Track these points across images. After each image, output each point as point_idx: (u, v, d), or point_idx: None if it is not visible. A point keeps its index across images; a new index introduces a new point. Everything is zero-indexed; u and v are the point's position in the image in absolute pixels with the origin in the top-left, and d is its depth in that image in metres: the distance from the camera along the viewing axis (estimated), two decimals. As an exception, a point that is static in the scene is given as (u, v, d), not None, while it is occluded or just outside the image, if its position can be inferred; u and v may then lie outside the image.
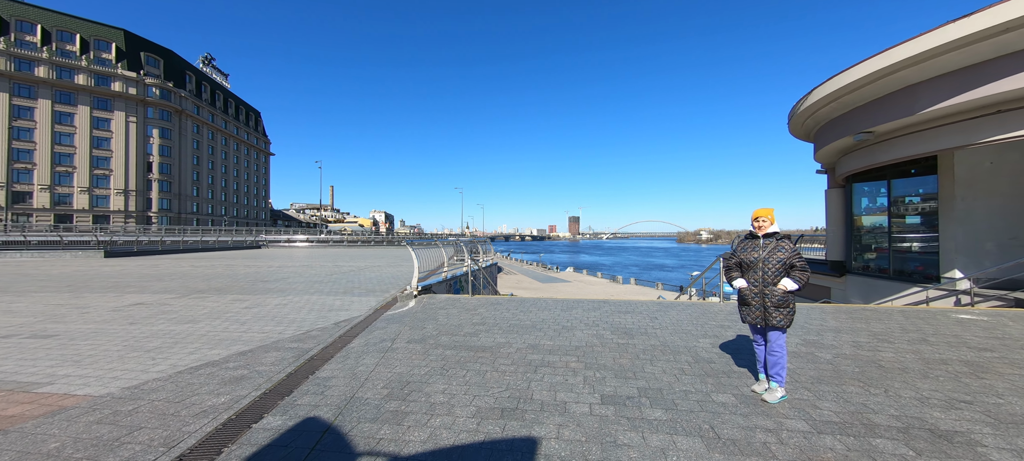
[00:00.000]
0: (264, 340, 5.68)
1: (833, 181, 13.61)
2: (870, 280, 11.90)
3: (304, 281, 12.50)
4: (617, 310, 7.60)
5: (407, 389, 3.88)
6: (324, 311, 7.77)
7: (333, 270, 16.35)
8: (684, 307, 7.84)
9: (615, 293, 50.35)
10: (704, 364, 4.57)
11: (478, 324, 6.47)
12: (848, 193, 12.85)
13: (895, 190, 11.04)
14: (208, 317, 7.22)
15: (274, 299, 9.13)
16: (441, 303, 8.34)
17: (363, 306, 8.26)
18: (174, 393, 3.82)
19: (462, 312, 7.43)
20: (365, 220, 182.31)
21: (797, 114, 11.76)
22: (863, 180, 12.22)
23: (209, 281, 12.54)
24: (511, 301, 8.56)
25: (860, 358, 4.80)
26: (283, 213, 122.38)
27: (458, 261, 17.74)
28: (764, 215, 3.72)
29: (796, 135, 13.65)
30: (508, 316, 7.07)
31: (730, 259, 3.93)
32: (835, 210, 13.53)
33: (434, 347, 5.25)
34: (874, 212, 12.07)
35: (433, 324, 6.50)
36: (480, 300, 8.67)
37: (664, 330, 6.09)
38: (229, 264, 19.20)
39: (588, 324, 6.47)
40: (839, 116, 10.26)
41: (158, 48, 70.21)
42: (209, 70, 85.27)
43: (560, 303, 8.30)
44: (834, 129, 10.75)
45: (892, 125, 8.82)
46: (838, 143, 10.78)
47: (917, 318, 6.92)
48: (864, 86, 8.79)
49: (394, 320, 6.85)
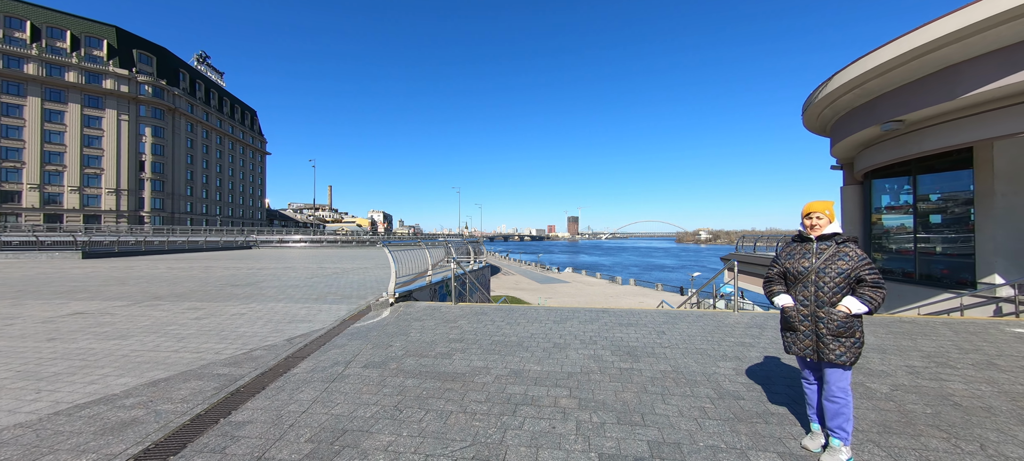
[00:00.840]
0: (192, 363, 4.70)
1: (850, 177, 12.65)
2: (893, 285, 10.92)
3: (278, 285, 11.52)
4: (618, 322, 6.62)
5: (339, 443, 2.90)
6: (283, 323, 6.79)
7: (316, 272, 15.37)
8: (694, 319, 6.87)
9: (615, 295, 49.32)
10: (730, 401, 3.59)
11: (455, 341, 5.49)
12: (867, 190, 11.89)
13: (921, 186, 10.08)
14: (145, 331, 6.24)
15: (234, 307, 8.15)
16: (419, 313, 7.36)
17: (330, 316, 7.28)
18: (23, 450, 2.84)
19: (440, 324, 6.45)
20: (363, 220, 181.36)
21: (813, 104, 10.79)
22: (884, 176, 11.26)
23: (175, 285, 11.56)
24: (498, 310, 7.58)
25: (925, 391, 3.83)
26: (280, 213, 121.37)
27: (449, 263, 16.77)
28: (819, 210, 2.74)
29: (811, 128, 12.69)
30: (492, 330, 6.09)
31: (772, 268, 2.96)
32: (852, 209, 12.57)
33: (394, 374, 4.27)
34: (897, 211, 11.10)
35: (402, 341, 5.52)
36: (464, 309, 7.69)
37: (674, 349, 5.11)
38: (209, 266, 18.22)
39: (584, 341, 5.49)
40: (863, 104, 9.29)
41: (151, 45, 69.14)
42: (203, 68, 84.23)
43: (553, 313, 7.32)
44: (856, 119, 9.78)
45: (927, 112, 7.85)
46: (860, 135, 9.82)
47: (969, 333, 5.94)
48: (895, 68, 7.82)
49: (358, 335, 5.87)
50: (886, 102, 8.56)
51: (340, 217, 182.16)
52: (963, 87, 7.04)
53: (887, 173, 11.09)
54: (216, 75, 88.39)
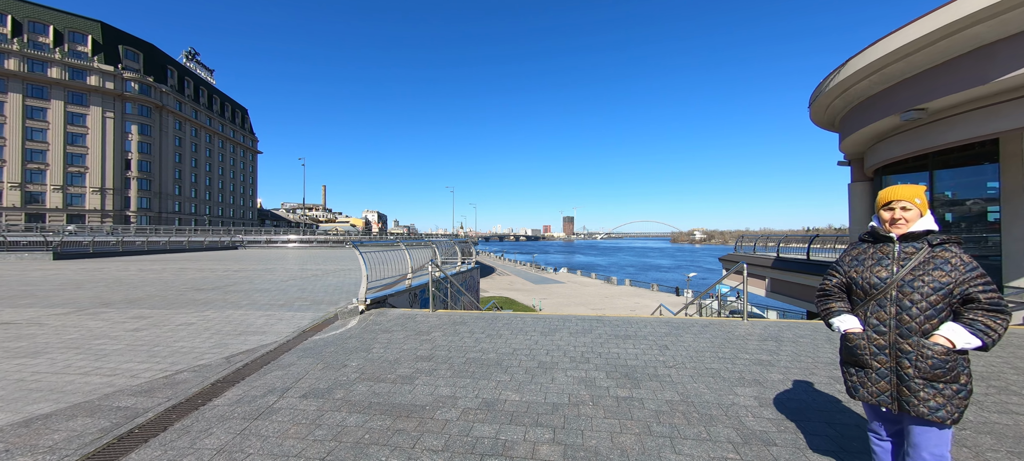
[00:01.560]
0: (95, 391, 3.84)
1: (858, 173, 11.94)
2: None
3: (247, 289, 10.64)
4: (614, 333, 5.81)
5: (224, 526, 2.07)
6: (231, 335, 5.93)
7: (295, 274, 14.49)
8: (700, 329, 6.08)
9: (610, 296, 48.57)
10: (759, 448, 2.79)
11: (423, 359, 4.66)
12: (877, 187, 11.17)
13: (939, 182, 9.37)
14: (66, 347, 5.36)
15: (185, 316, 7.27)
16: (389, 322, 6.52)
17: (289, 327, 6.43)
18: None
19: (410, 337, 5.62)
20: (357, 220, 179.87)
21: (823, 94, 10.06)
22: (896, 172, 10.55)
23: (135, 289, 10.64)
24: (480, 319, 6.76)
25: (999, 430, 3.05)
26: (272, 213, 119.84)
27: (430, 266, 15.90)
28: (907, 198, 1.93)
29: (818, 122, 11.96)
30: (469, 344, 5.26)
31: (830, 277, 2.16)
32: (860, 207, 11.86)
33: (337, 407, 3.44)
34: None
35: (360, 359, 4.68)
36: (442, 318, 6.86)
37: (681, 369, 4.31)
38: (183, 267, 17.25)
39: (574, 358, 4.68)
40: (880, 92, 8.55)
41: (137, 41, 67.65)
42: (193, 65, 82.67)
43: (541, 323, 6.50)
44: (870, 109, 9.04)
45: (954, 99, 7.12)
46: (875, 127, 9.08)
47: (1014, 346, 5.19)
48: (920, 50, 7.08)
49: (311, 351, 5.02)
50: (907, 89, 7.82)
51: (334, 217, 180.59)
52: (998, 69, 6.31)
53: (900, 168, 10.38)
54: (206, 72, 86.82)
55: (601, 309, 44.45)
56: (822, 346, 5.17)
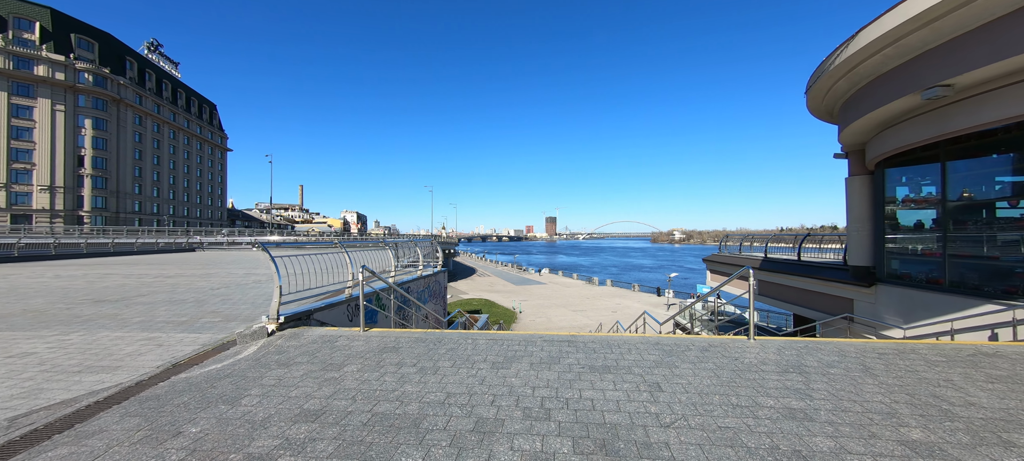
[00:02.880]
0: None
1: (857, 166, 10.92)
2: (913, 293, 9.20)
3: (158, 300, 8.88)
4: (588, 363, 4.42)
5: None
6: (66, 373, 4.31)
7: (232, 281, 12.68)
8: (698, 354, 4.75)
9: (592, 297, 47.52)
10: None
11: (304, 418, 3.15)
12: (879, 181, 10.15)
13: (953, 175, 8.34)
14: None
15: (35, 341, 5.56)
16: (298, 350, 4.97)
17: (163, 356, 4.82)
18: None
19: (311, 375, 4.10)
20: (335, 221, 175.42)
21: (824, 76, 8.95)
22: (902, 163, 9.53)
23: (19, 301, 8.81)
24: (418, 344, 5.27)
25: None
26: (243, 213, 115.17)
27: (403, 268, 14.32)
28: None
29: (815, 109, 10.90)
30: (388, 387, 3.78)
31: None
32: (859, 202, 10.84)
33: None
34: (918, 204, 9.38)
35: (210, 419, 3.15)
36: (371, 341, 5.35)
37: (684, 431, 2.93)
38: (109, 273, 15.19)
39: (530, 412, 3.26)
40: (893, 70, 7.43)
41: (92, 30, 63.40)
42: (155, 57, 78.37)
43: (496, 346, 5.06)
44: (880, 90, 7.94)
45: (991, 71, 6.00)
46: (884, 110, 7.98)
47: (1104, 377, 4.02)
48: (949, 13, 5.94)
49: (150, 404, 3.46)
50: (930, 62, 6.70)
51: (310, 218, 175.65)
52: (1053, 30, 5.20)
53: (905, 160, 9.35)
54: (170, 65, 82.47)
55: (582, 309, 43.39)
56: (863, 382, 3.89)
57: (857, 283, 10.77)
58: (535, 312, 42.82)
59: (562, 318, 39.66)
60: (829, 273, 12.14)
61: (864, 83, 8.26)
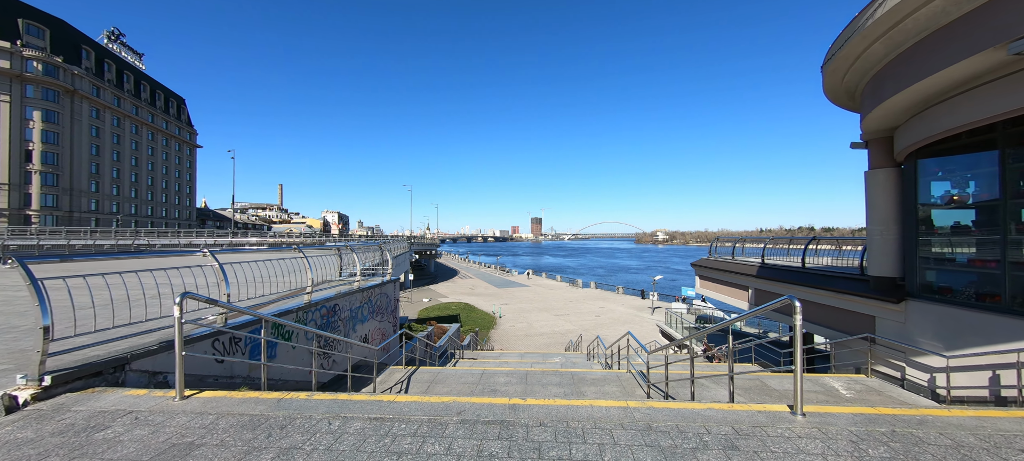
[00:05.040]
0: None
1: (881, 157, 9.16)
2: (957, 312, 7.43)
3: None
4: None
5: None
6: None
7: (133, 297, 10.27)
8: (720, 455, 2.73)
9: (576, 300, 45.55)
10: None
11: None
12: (911, 174, 8.38)
13: (1014, 164, 6.57)
14: None
15: None
16: (24, 455, 2.79)
17: None
18: None
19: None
20: (315, 221, 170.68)
21: (853, 40, 7.10)
22: (943, 153, 7.76)
23: None
24: (247, 430, 3.15)
25: None
26: (216, 213, 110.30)
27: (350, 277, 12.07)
28: None
29: (832, 89, 9.11)
30: None
31: None
32: (883, 200, 9.08)
33: None
34: (962, 203, 7.62)
35: None
36: (162, 430, 3.19)
37: None
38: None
39: None
40: (967, 15, 5.49)
41: (42, 15, 58.96)
42: (116, 47, 73.83)
43: (375, 440, 2.95)
44: (933, 53, 6.09)
45: None
46: (940, 78, 6.13)
47: None
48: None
49: None
50: (1013, 4, 4.83)
51: (289, 218, 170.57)
52: None
53: (949, 149, 7.59)
54: (133, 56, 77.89)
55: (565, 313, 41.47)
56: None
57: (881, 298, 8.99)
58: (516, 317, 40.79)
59: (543, 323, 37.71)
60: (843, 284, 10.37)
61: (911, 43, 6.39)
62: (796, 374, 3.40)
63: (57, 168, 58.27)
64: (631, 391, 8.24)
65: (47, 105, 56.95)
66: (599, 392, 8.16)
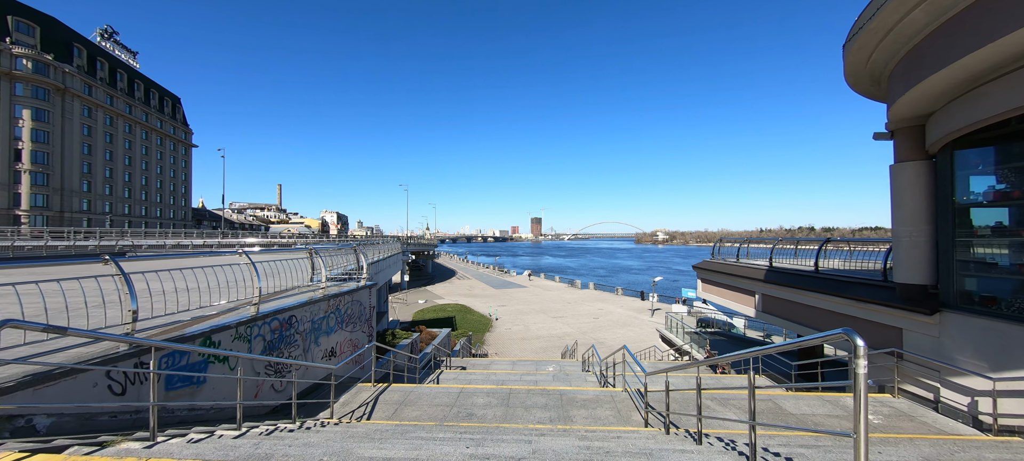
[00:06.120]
0: None
1: (910, 149, 8.12)
2: (1006, 327, 6.40)
3: None
4: None
5: None
6: None
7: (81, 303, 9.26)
8: None
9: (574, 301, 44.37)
10: None
11: None
12: (946, 167, 7.35)
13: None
14: None
15: None
16: None
17: None
18: None
19: None
20: (313, 221, 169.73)
21: (886, 8, 6.08)
22: (986, 142, 6.74)
23: None
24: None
25: None
26: (211, 213, 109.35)
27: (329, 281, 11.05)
28: None
29: (854, 73, 8.06)
30: None
31: None
32: (913, 197, 8.04)
33: None
34: (1009, 199, 6.58)
35: None
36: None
37: None
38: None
39: None
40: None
41: (32, 13, 57.99)
42: (109, 45, 72.90)
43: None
44: (987, 18, 5.08)
45: None
46: (992, 49, 5.12)
47: None
48: None
49: None
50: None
51: (287, 218, 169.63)
52: None
53: (992, 137, 6.56)
54: (127, 54, 76.94)
55: (563, 315, 40.42)
56: None
57: (910, 308, 7.96)
58: (512, 319, 39.75)
59: (540, 326, 36.68)
60: (864, 291, 9.34)
61: (962, 6, 5.36)
62: (861, 434, 2.35)
63: (47, 167, 57.34)
64: (627, 416, 7.20)
65: (37, 103, 56.01)
66: (590, 416, 7.13)
